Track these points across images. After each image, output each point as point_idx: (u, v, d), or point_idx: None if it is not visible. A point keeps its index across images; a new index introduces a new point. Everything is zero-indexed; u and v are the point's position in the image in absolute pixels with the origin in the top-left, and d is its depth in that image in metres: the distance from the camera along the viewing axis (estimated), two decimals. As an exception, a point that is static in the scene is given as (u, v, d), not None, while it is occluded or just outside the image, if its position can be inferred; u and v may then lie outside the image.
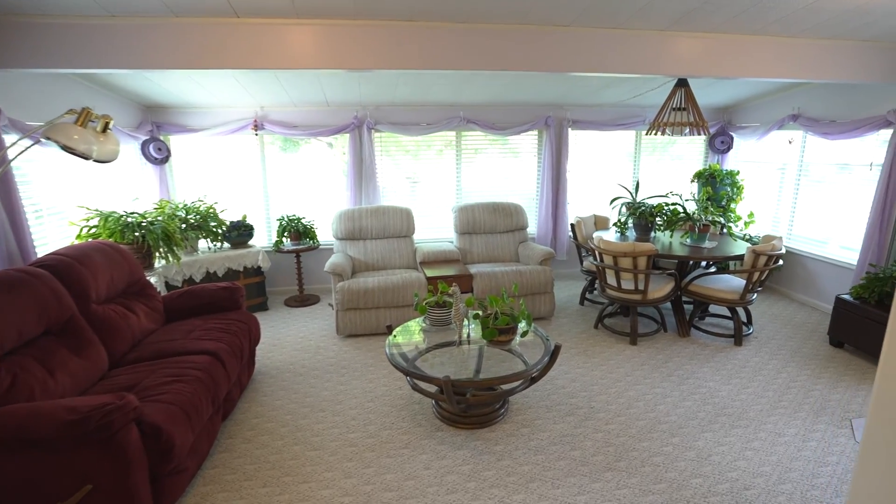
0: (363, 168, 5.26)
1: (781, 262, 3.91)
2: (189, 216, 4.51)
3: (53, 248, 3.25)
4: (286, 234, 5.07)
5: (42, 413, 1.79)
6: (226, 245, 4.87)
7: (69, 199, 3.80)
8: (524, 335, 2.81)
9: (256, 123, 4.98)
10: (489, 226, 5.07)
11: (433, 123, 5.29)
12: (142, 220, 3.71)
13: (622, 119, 5.63)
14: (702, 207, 4.46)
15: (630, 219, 4.59)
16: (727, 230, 5.26)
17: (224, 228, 4.71)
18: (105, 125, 2.70)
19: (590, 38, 3.33)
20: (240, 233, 4.81)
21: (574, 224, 4.97)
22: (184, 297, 3.40)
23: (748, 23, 3.27)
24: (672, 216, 4.41)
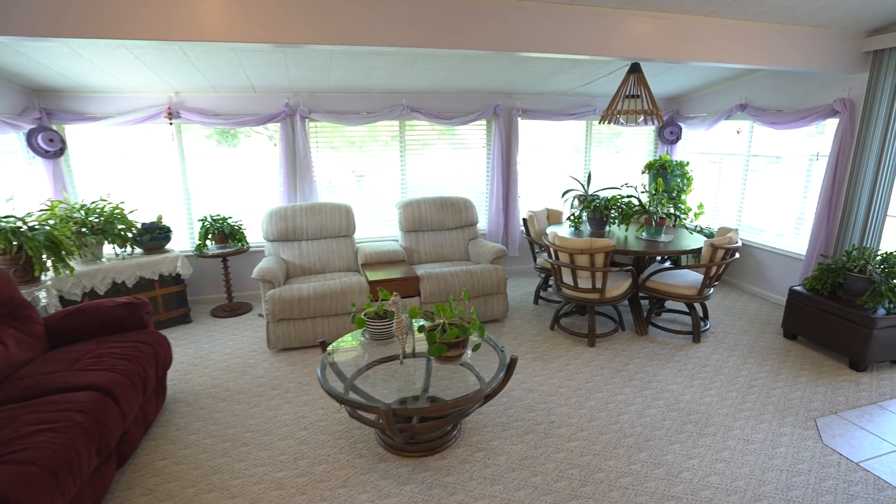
0: (297, 161, 4.75)
1: (738, 255, 3.79)
2: (89, 218, 3.87)
3: None
4: (210, 237, 4.51)
5: None
6: (137, 251, 4.24)
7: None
8: (476, 349, 2.49)
9: (171, 111, 4.37)
10: (437, 222, 4.71)
11: (374, 112, 4.85)
12: (18, 226, 3.09)
13: (573, 108, 5.41)
14: (657, 200, 4.28)
15: (584, 212, 4.36)
16: (679, 222, 5.16)
17: (134, 232, 4.09)
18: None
19: (540, 14, 3.03)
20: (153, 236, 4.20)
21: (526, 219, 4.70)
22: (72, 318, 2.83)
23: (701, 2, 3.09)
24: (627, 209, 4.21)
